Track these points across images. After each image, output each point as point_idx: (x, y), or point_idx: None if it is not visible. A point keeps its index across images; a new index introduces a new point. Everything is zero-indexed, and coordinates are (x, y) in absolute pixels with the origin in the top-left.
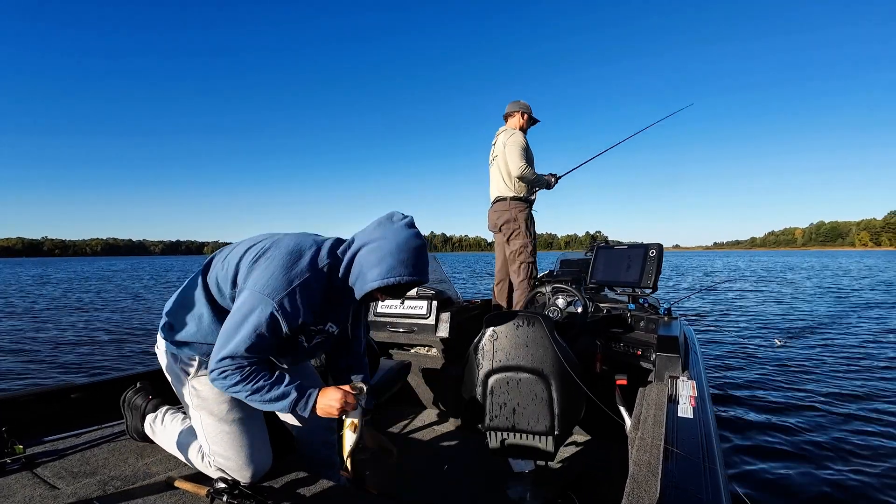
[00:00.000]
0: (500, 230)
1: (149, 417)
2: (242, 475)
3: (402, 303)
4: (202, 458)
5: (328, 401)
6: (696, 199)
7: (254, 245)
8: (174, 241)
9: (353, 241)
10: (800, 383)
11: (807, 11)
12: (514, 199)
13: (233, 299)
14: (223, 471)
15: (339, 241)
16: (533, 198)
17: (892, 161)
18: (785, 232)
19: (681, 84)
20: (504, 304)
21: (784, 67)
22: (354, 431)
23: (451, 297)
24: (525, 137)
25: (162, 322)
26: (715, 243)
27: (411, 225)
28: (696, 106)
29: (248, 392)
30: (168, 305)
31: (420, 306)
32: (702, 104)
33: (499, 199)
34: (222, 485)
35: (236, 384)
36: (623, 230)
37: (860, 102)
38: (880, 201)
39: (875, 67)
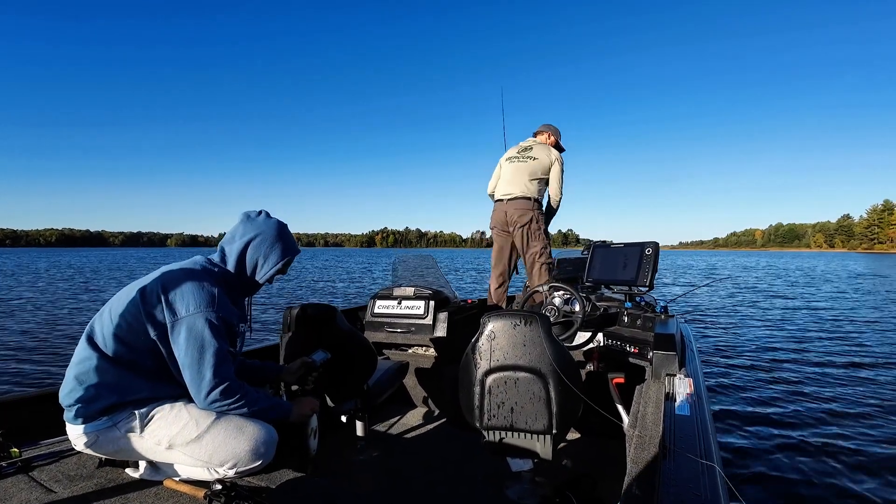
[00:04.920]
0: (519, 227)
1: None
2: (261, 455)
3: (400, 303)
4: (217, 473)
5: (302, 408)
6: (663, 199)
7: (144, 292)
8: (135, 232)
9: (223, 248)
10: (795, 380)
11: (768, 13)
12: (536, 200)
13: (136, 347)
14: (242, 471)
15: (206, 257)
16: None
17: (846, 165)
18: (746, 233)
19: (662, 82)
20: (505, 306)
21: (750, 69)
22: (315, 436)
23: (448, 297)
24: None
25: (71, 413)
26: (680, 243)
27: (269, 215)
28: (664, 108)
29: (249, 405)
30: (68, 394)
31: (417, 306)
32: (672, 105)
33: (521, 198)
34: (219, 487)
35: (236, 401)
36: (592, 228)
37: (820, 106)
38: (835, 205)
39: (837, 72)
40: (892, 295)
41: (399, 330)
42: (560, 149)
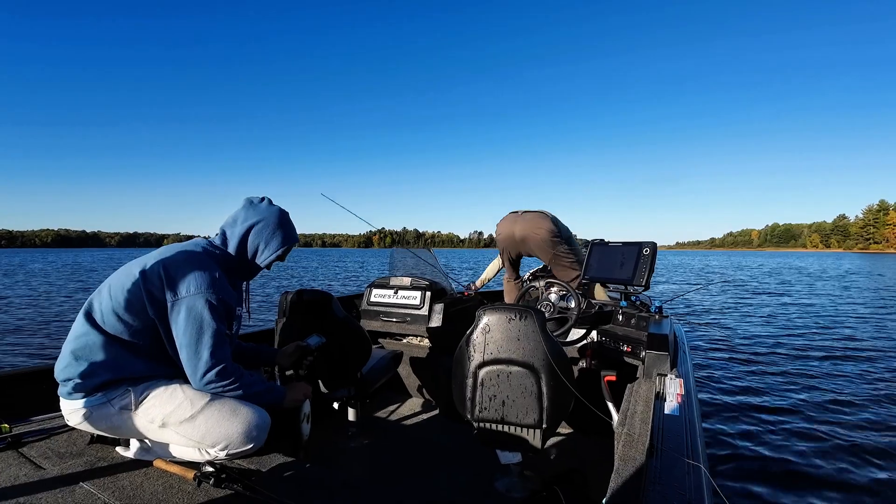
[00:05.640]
0: (535, 242)
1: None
2: (253, 439)
3: (396, 293)
4: (208, 454)
5: (295, 394)
6: (660, 199)
7: (145, 270)
8: (131, 232)
9: (224, 231)
10: (785, 383)
11: (764, 13)
12: (551, 218)
13: (134, 324)
14: (233, 453)
15: (208, 238)
16: None
17: (842, 165)
18: (742, 233)
19: (660, 84)
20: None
21: (746, 70)
22: (308, 422)
23: (444, 289)
24: None
25: (66, 388)
26: (677, 243)
27: (272, 202)
28: (660, 108)
29: (244, 388)
30: (64, 369)
31: (413, 297)
32: (668, 105)
33: (536, 212)
34: (209, 468)
35: (231, 383)
36: (590, 228)
37: (817, 107)
38: (830, 205)
39: (834, 73)
40: (883, 292)
41: (394, 319)
42: None
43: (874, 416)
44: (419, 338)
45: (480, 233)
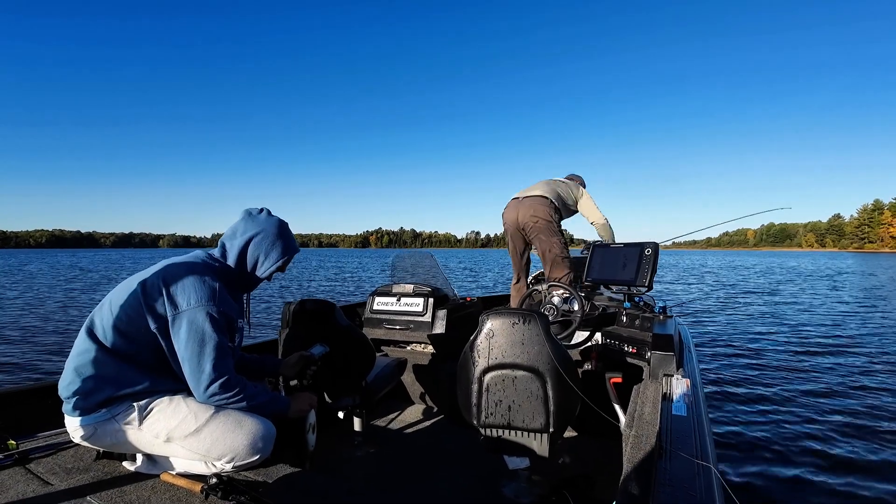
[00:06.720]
0: (532, 227)
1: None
2: (259, 450)
3: (399, 300)
4: (214, 467)
5: (300, 404)
6: (657, 199)
7: (145, 284)
8: (127, 233)
9: (224, 243)
10: (793, 382)
11: (761, 14)
12: (553, 202)
13: (135, 339)
14: (239, 465)
15: (207, 251)
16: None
17: (837, 165)
18: (738, 233)
19: (661, 82)
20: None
21: (742, 70)
22: (313, 432)
23: (447, 295)
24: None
25: (70, 405)
26: (674, 242)
27: (271, 213)
28: (657, 108)
29: (248, 400)
30: (67, 386)
31: (416, 304)
32: (665, 105)
33: (537, 196)
34: (216, 481)
35: (235, 395)
36: (588, 228)
37: (813, 107)
38: (826, 205)
39: (831, 73)
40: (882, 292)
41: (398, 327)
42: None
43: (886, 413)
44: (423, 345)
45: (478, 232)
